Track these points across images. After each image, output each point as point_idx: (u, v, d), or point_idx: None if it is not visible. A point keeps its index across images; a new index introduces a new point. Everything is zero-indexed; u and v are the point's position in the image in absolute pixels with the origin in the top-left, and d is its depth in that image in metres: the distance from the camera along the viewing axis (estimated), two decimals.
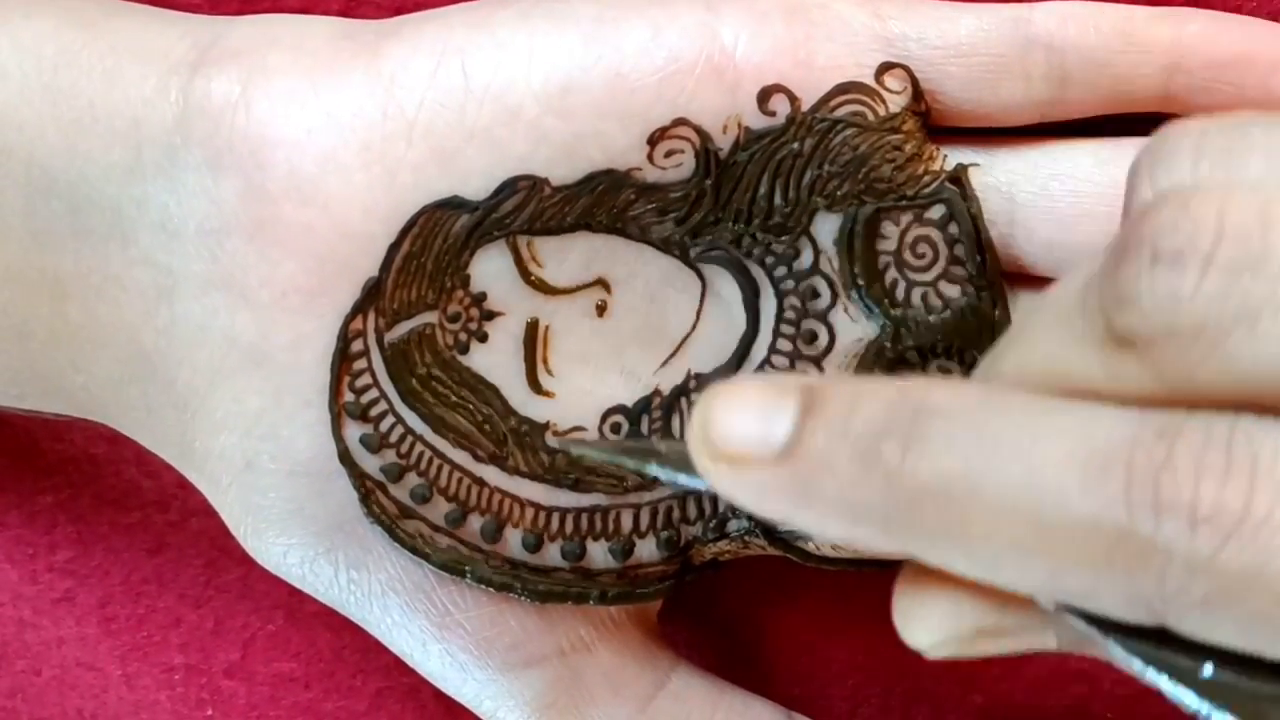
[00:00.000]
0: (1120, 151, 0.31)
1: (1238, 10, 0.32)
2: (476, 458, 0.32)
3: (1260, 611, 0.21)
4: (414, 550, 0.32)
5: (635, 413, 0.32)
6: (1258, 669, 0.22)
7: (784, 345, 0.32)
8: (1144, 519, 0.21)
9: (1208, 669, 0.22)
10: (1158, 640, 0.22)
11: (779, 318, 0.32)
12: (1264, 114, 0.24)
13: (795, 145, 0.31)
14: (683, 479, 0.27)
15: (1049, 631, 0.25)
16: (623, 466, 0.32)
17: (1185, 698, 0.22)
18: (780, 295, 0.32)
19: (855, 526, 0.24)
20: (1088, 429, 0.22)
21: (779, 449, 0.24)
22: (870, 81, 0.31)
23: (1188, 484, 0.21)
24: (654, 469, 0.28)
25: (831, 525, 0.24)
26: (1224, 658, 0.22)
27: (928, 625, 0.25)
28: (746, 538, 0.33)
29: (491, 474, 0.32)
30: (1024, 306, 0.31)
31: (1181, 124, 0.24)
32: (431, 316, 0.31)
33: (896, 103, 0.31)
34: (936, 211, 0.31)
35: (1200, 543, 0.21)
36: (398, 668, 0.39)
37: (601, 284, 0.32)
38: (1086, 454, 0.22)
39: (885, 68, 0.31)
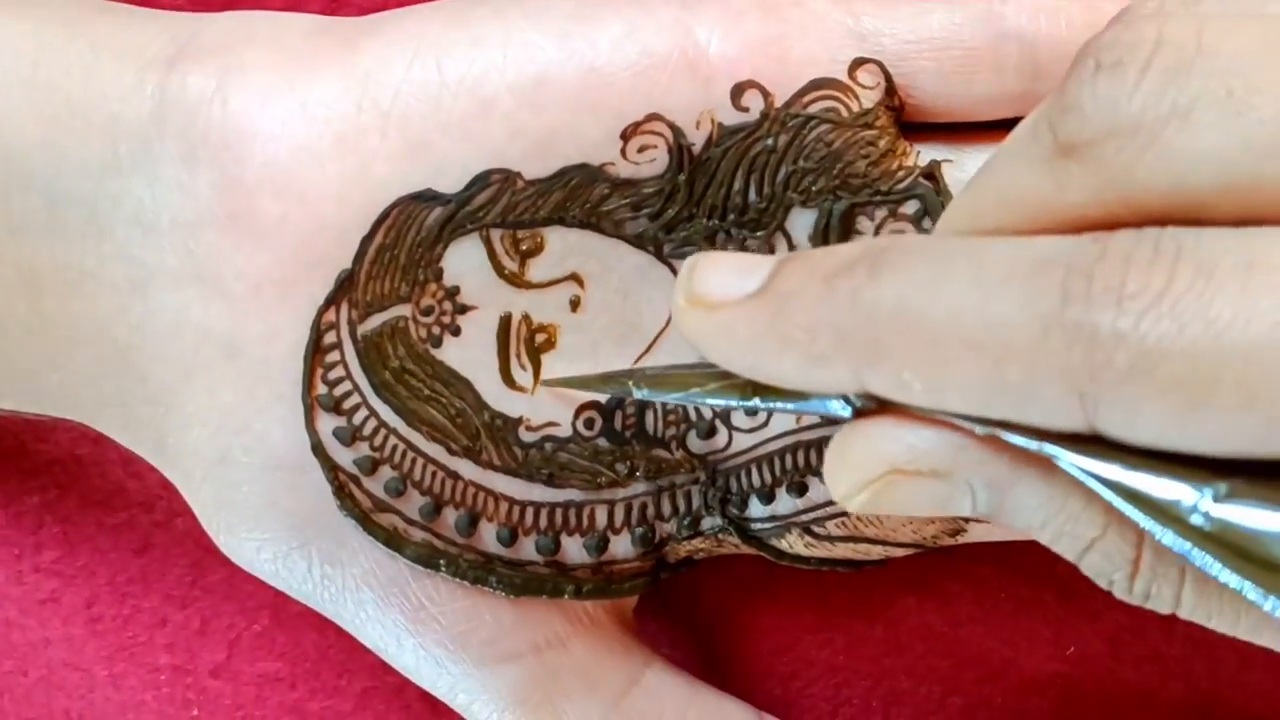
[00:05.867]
0: None
1: None
2: (450, 451, 0.32)
3: (1176, 379, 0.22)
4: (388, 544, 0.32)
5: (609, 409, 0.32)
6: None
7: None
8: (1077, 304, 0.22)
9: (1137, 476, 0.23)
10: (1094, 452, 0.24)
11: None
12: None
13: (769, 141, 0.31)
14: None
15: (965, 489, 0.25)
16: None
17: (1117, 504, 0.24)
18: None
19: (814, 352, 0.25)
20: (1033, 246, 0.24)
21: (751, 292, 0.26)
22: (844, 77, 0.31)
23: (1117, 271, 0.22)
24: (634, 391, 0.30)
25: (790, 359, 0.25)
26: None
27: (847, 466, 0.26)
28: (720, 536, 0.33)
29: (466, 468, 0.32)
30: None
31: None
32: (404, 309, 0.31)
33: (870, 98, 0.31)
34: (911, 207, 0.31)
35: (1124, 316, 0.22)
36: (383, 667, 0.39)
37: (575, 279, 0.32)
38: (1030, 261, 0.23)
39: (858, 63, 0.31)
